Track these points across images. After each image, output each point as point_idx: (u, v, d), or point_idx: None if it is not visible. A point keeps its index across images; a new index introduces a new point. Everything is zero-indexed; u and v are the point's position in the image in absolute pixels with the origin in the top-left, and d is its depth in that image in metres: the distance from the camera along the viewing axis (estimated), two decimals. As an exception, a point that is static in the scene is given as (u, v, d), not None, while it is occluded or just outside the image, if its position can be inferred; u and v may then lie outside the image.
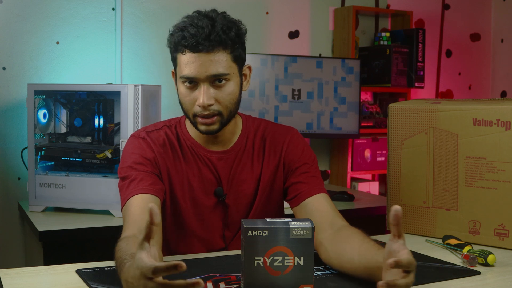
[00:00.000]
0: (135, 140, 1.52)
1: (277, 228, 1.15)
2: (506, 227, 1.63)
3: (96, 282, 1.23)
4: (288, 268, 1.15)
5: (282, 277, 1.15)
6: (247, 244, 1.15)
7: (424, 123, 1.75)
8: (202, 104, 1.41)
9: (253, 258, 1.15)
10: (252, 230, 1.15)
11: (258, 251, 1.15)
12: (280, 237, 1.15)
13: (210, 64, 1.39)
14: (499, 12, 3.68)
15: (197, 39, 1.38)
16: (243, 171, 1.55)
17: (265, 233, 1.15)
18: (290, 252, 1.15)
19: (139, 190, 1.41)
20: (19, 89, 2.52)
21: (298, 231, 1.15)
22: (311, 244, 1.15)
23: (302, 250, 1.15)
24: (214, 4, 1.59)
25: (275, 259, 1.15)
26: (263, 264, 1.15)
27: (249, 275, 1.15)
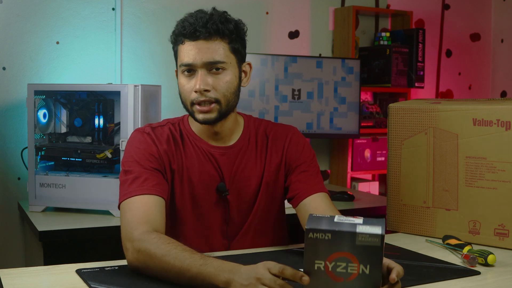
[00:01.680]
0: (140, 134, 1.53)
1: (342, 232, 1.05)
2: (506, 227, 1.63)
3: (96, 282, 1.23)
4: (352, 275, 1.06)
5: (345, 284, 1.06)
6: (307, 245, 1.07)
7: (424, 123, 1.75)
8: (198, 89, 1.44)
9: (314, 262, 1.07)
10: (314, 232, 1.06)
11: (319, 255, 1.06)
12: (345, 243, 1.05)
13: (207, 51, 1.44)
14: (499, 12, 3.68)
15: (194, 26, 1.44)
16: (246, 167, 1.56)
17: (328, 236, 1.06)
18: (355, 259, 1.05)
19: (145, 190, 1.41)
20: (19, 89, 2.52)
21: (365, 237, 1.05)
22: (379, 253, 1.04)
23: (368, 258, 1.05)
24: (214, 4, 1.59)
25: (338, 265, 1.06)
26: (325, 269, 1.06)
27: (310, 276, 1.07)
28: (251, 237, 1.57)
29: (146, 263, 1.27)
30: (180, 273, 1.22)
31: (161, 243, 1.28)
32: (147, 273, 1.28)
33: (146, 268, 1.28)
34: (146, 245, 1.28)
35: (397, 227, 1.82)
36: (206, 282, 1.19)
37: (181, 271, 1.22)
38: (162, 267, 1.24)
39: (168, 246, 1.26)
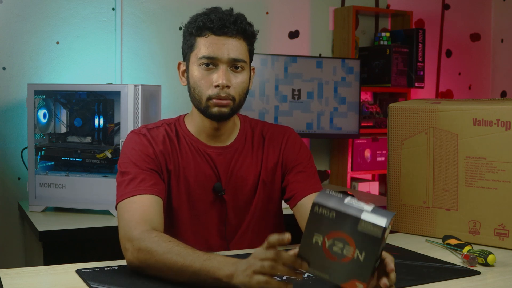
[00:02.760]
0: (135, 136, 1.53)
1: (346, 215, 1.05)
2: (506, 227, 1.63)
3: (96, 282, 1.23)
4: (346, 258, 1.06)
5: (337, 264, 1.07)
6: (311, 218, 1.08)
7: (424, 123, 1.75)
8: (221, 83, 1.44)
9: (313, 234, 1.08)
10: (320, 207, 1.07)
11: (320, 230, 1.07)
12: (347, 225, 1.06)
13: (233, 48, 1.46)
14: (499, 12, 3.68)
15: (223, 22, 1.45)
16: (242, 167, 1.56)
17: (332, 215, 1.06)
18: (353, 243, 1.06)
19: (142, 190, 1.41)
20: (19, 89, 2.52)
21: (367, 226, 1.04)
22: (377, 244, 1.04)
23: (366, 246, 1.05)
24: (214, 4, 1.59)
25: (335, 244, 1.07)
26: (322, 245, 1.08)
27: (304, 249, 1.09)
28: (250, 238, 1.57)
29: (147, 261, 1.27)
30: (183, 269, 1.22)
31: (162, 241, 1.28)
32: (148, 272, 1.28)
33: (146, 267, 1.28)
34: (146, 244, 1.28)
35: (397, 227, 1.82)
36: (209, 276, 1.19)
37: (183, 267, 1.22)
38: (164, 264, 1.24)
39: (170, 244, 1.27)
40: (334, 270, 1.08)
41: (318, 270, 1.09)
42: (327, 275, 1.08)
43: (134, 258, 1.29)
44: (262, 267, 1.11)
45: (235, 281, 1.15)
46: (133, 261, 1.29)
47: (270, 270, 1.11)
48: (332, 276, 1.08)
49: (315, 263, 1.09)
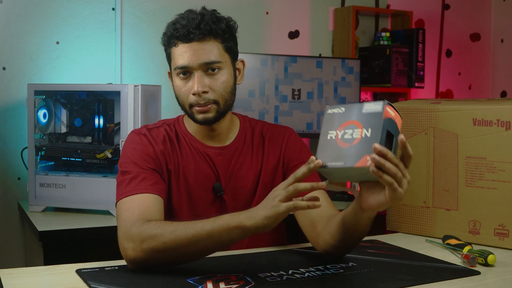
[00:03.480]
0: (136, 136, 1.53)
1: (353, 105, 1.21)
2: (506, 227, 1.63)
3: (96, 282, 1.24)
4: (356, 140, 1.16)
5: (350, 148, 1.17)
6: (325, 120, 1.22)
7: (424, 123, 1.75)
8: (196, 91, 1.44)
9: (327, 132, 1.20)
10: (332, 108, 1.23)
11: (333, 126, 1.20)
12: (354, 112, 1.19)
13: (202, 53, 1.44)
14: (499, 12, 3.68)
15: (188, 28, 1.44)
16: (242, 167, 1.56)
17: (342, 110, 1.21)
18: (360, 124, 1.17)
19: (142, 189, 1.41)
20: (19, 89, 2.52)
21: (370, 106, 1.19)
22: (379, 117, 1.16)
23: (371, 122, 1.16)
24: (214, 4, 1.59)
25: (346, 132, 1.18)
26: (335, 138, 1.19)
27: (321, 148, 1.20)
28: (250, 237, 1.57)
29: (153, 248, 1.27)
30: (195, 238, 1.25)
31: (164, 225, 1.29)
32: (155, 261, 1.28)
33: (154, 254, 1.27)
34: (149, 232, 1.28)
35: (397, 227, 1.82)
36: (223, 230, 1.24)
37: (195, 235, 1.25)
38: (174, 242, 1.25)
39: (173, 224, 1.29)
40: (347, 155, 1.16)
41: (333, 161, 1.17)
42: (342, 162, 1.16)
43: (139, 251, 1.28)
44: (287, 192, 1.19)
45: (253, 222, 1.21)
46: (138, 255, 1.28)
47: (295, 191, 1.19)
48: (346, 161, 1.16)
49: (330, 156, 1.18)
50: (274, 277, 1.28)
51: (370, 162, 1.13)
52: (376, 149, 1.12)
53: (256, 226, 1.21)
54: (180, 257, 1.28)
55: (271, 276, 1.28)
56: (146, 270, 1.30)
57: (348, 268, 1.37)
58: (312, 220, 1.46)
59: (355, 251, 1.50)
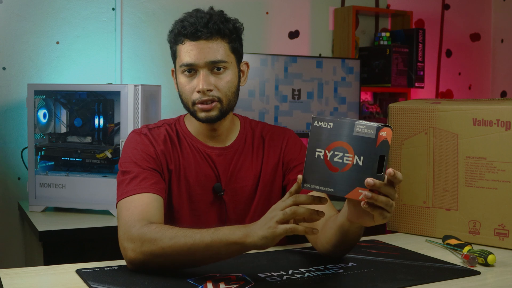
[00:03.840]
0: (137, 135, 1.53)
1: (342, 122, 1.13)
2: (506, 227, 1.63)
3: (96, 282, 1.23)
4: (347, 166, 1.12)
5: (339, 175, 1.12)
6: (311, 134, 1.15)
7: (424, 123, 1.75)
8: (201, 89, 1.45)
9: (315, 149, 1.14)
10: (318, 121, 1.14)
11: (321, 143, 1.14)
12: (344, 132, 1.13)
13: (209, 51, 1.45)
14: (499, 12, 3.68)
15: (196, 26, 1.44)
16: (242, 168, 1.56)
17: (330, 125, 1.14)
18: (351, 149, 1.12)
19: (143, 189, 1.41)
20: (19, 89, 2.52)
21: (362, 128, 1.11)
22: (373, 145, 1.10)
23: (363, 149, 1.11)
24: (214, 4, 1.59)
25: (336, 154, 1.12)
26: (324, 157, 1.13)
27: (309, 168, 1.14)
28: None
29: (152, 252, 1.27)
30: (193, 248, 1.24)
31: (164, 229, 1.28)
32: (153, 264, 1.28)
33: (153, 258, 1.27)
34: (149, 235, 1.28)
35: (397, 227, 1.82)
36: (222, 244, 1.22)
37: (194, 245, 1.24)
38: (172, 249, 1.25)
39: (173, 230, 1.28)
40: (337, 181, 1.12)
41: (322, 186, 1.13)
42: (332, 189, 1.12)
43: (138, 253, 1.28)
44: (285, 214, 1.16)
45: (251, 240, 1.19)
46: (137, 256, 1.29)
47: (292, 215, 1.16)
48: (336, 189, 1.12)
49: (319, 179, 1.13)
50: (274, 277, 1.28)
51: (362, 196, 1.10)
52: (369, 185, 1.09)
53: (254, 245, 1.20)
54: (177, 264, 1.28)
55: (271, 276, 1.28)
56: (146, 270, 1.30)
57: (348, 268, 1.37)
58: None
59: (355, 251, 1.50)
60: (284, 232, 1.16)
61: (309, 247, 1.56)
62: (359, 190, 1.11)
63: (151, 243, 1.27)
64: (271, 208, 1.21)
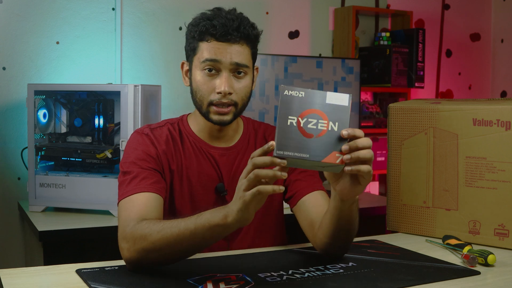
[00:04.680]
0: (138, 136, 1.53)
1: (314, 92, 1.15)
2: (506, 227, 1.63)
3: (96, 282, 1.24)
4: (322, 132, 1.13)
5: (315, 140, 1.13)
6: (282, 103, 1.14)
7: (424, 123, 1.75)
8: (224, 91, 1.44)
9: (287, 117, 1.14)
10: (289, 90, 1.15)
11: (293, 111, 1.14)
12: (316, 101, 1.15)
13: (236, 53, 1.45)
14: (499, 12, 3.68)
15: (227, 29, 1.43)
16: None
17: (301, 94, 1.15)
18: (325, 116, 1.14)
19: (142, 188, 1.41)
20: (19, 89, 2.52)
21: (334, 97, 1.15)
22: (347, 112, 1.14)
23: (337, 116, 1.14)
24: (214, 4, 1.59)
25: (309, 121, 1.14)
26: (297, 124, 1.14)
27: (282, 134, 1.13)
28: (251, 238, 1.57)
29: (144, 249, 1.27)
30: (180, 237, 1.24)
31: (152, 224, 1.30)
32: (147, 261, 1.28)
33: (146, 255, 1.28)
34: (139, 232, 1.29)
35: (397, 227, 1.82)
36: (205, 229, 1.23)
37: (180, 234, 1.25)
38: (161, 241, 1.26)
39: (161, 223, 1.29)
40: (312, 147, 1.13)
41: (297, 152, 1.13)
42: (307, 155, 1.12)
43: (132, 251, 1.29)
44: (249, 180, 1.14)
45: (231, 219, 1.19)
46: (132, 255, 1.29)
47: (256, 178, 1.14)
48: (311, 154, 1.13)
49: (293, 146, 1.13)
50: (274, 277, 1.28)
51: (340, 159, 1.13)
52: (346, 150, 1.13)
53: (236, 221, 1.20)
54: (169, 256, 1.29)
55: (271, 276, 1.29)
56: (145, 269, 1.31)
57: (348, 268, 1.37)
58: (311, 220, 1.46)
59: (355, 251, 1.50)
60: (252, 196, 1.14)
61: (309, 247, 1.56)
62: (336, 154, 1.13)
63: (142, 240, 1.28)
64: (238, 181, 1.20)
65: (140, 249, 1.28)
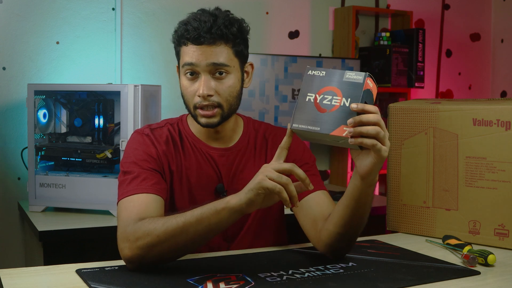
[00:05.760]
0: (139, 136, 1.53)
1: (334, 71, 1.22)
2: (506, 227, 1.63)
3: (96, 282, 1.24)
4: (334, 107, 1.19)
5: (327, 114, 1.19)
6: (304, 81, 1.24)
7: (424, 123, 1.75)
8: (202, 94, 1.44)
9: (306, 94, 1.22)
10: (312, 70, 1.24)
11: (312, 88, 1.22)
12: (335, 78, 1.21)
13: (211, 54, 1.44)
14: (499, 12, 3.68)
15: (199, 31, 1.43)
16: (245, 169, 1.56)
17: (323, 73, 1.23)
18: (340, 92, 1.20)
19: (143, 189, 1.41)
20: (19, 89, 2.52)
21: (352, 75, 1.21)
22: (360, 89, 1.19)
23: (350, 92, 1.19)
24: (214, 4, 1.59)
25: (325, 97, 1.20)
26: (314, 101, 1.21)
27: (299, 109, 1.22)
28: (251, 238, 1.57)
29: (148, 244, 1.28)
30: (186, 225, 1.27)
31: (155, 220, 1.31)
32: (151, 257, 1.29)
33: (149, 250, 1.28)
34: (143, 229, 1.29)
35: (397, 227, 1.82)
36: (212, 213, 1.26)
37: (185, 222, 1.27)
38: (166, 233, 1.27)
39: (163, 218, 1.31)
40: (324, 121, 1.19)
41: (310, 125, 1.20)
42: (318, 128, 1.19)
43: (134, 249, 1.29)
44: (279, 177, 1.21)
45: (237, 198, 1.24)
46: (134, 252, 1.29)
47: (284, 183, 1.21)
48: (322, 127, 1.19)
49: (307, 119, 1.21)
50: (274, 277, 1.28)
51: (346, 133, 1.17)
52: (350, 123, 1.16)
53: (239, 203, 1.24)
54: (174, 248, 1.29)
55: (271, 276, 1.29)
56: (145, 269, 1.31)
57: (348, 268, 1.37)
58: (314, 219, 1.46)
59: (355, 251, 1.50)
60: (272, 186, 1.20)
61: (309, 247, 1.56)
62: (344, 127, 1.18)
63: (146, 235, 1.28)
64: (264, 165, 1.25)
65: (144, 245, 1.28)
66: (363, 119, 1.17)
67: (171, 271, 1.31)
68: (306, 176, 1.24)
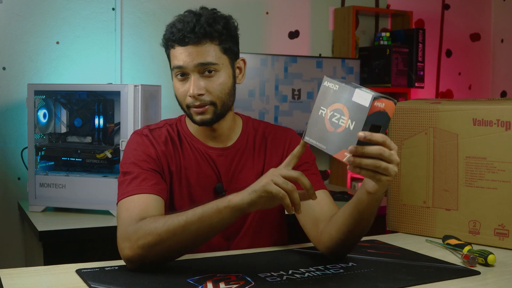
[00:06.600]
0: (138, 137, 1.53)
1: (346, 86, 1.18)
2: (506, 227, 1.63)
3: (96, 282, 1.24)
4: (341, 127, 1.17)
5: (334, 134, 1.18)
6: (320, 93, 1.23)
7: (424, 123, 1.75)
8: (192, 94, 1.45)
9: (320, 107, 1.21)
10: (328, 81, 1.22)
11: (325, 102, 1.21)
12: (345, 96, 1.17)
13: (198, 54, 1.44)
14: (499, 12, 3.68)
15: (183, 32, 1.44)
16: (244, 168, 1.56)
17: (336, 87, 1.20)
18: (347, 113, 1.17)
19: (143, 189, 1.41)
20: (19, 89, 2.52)
21: (360, 95, 1.15)
22: (364, 113, 1.14)
23: (356, 115, 1.15)
24: (214, 5, 1.59)
25: (334, 115, 1.19)
26: (325, 116, 1.20)
27: (312, 122, 1.22)
28: (251, 238, 1.57)
29: (150, 243, 1.28)
30: (187, 224, 1.27)
31: (157, 219, 1.31)
32: (151, 256, 1.28)
33: (150, 250, 1.28)
34: (144, 228, 1.29)
35: (397, 227, 1.82)
36: (213, 211, 1.27)
37: (187, 221, 1.27)
38: (168, 232, 1.27)
39: (165, 217, 1.32)
40: (330, 140, 1.18)
41: (318, 142, 1.21)
42: (325, 146, 1.19)
43: (135, 248, 1.29)
44: (284, 183, 1.21)
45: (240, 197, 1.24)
46: (135, 252, 1.29)
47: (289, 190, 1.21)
48: (328, 147, 1.19)
49: (317, 135, 1.21)
50: (274, 277, 1.28)
51: (346, 159, 1.15)
52: (351, 151, 1.14)
53: (241, 203, 1.24)
54: (175, 247, 1.29)
55: (271, 276, 1.29)
56: (145, 269, 1.31)
57: (348, 268, 1.37)
58: (315, 218, 1.46)
59: (355, 251, 1.50)
60: (275, 191, 1.20)
61: (309, 247, 1.56)
62: (345, 152, 1.16)
63: (147, 235, 1.28)
64: (272, 169, 1.25)
65: (145, 245, 1.28)
66: (365, 151, 1.14)
67: (171, 271, 1.31)
68: (312, 186, 1.24)
